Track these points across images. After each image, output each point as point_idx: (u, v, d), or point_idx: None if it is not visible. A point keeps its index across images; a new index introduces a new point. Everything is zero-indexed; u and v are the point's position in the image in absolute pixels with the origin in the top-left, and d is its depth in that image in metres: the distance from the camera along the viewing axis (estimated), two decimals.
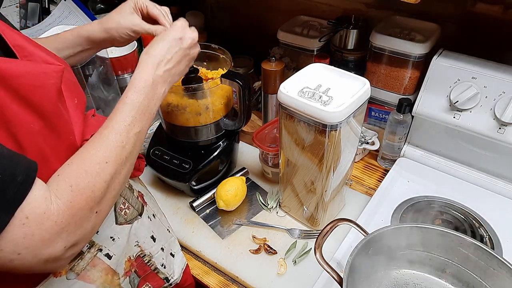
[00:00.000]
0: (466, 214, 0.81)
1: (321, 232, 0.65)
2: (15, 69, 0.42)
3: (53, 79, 0.45)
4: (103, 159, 0.47)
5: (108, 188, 0.47)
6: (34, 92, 0.43)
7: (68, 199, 0.42)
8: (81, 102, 0.55)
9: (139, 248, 0.63)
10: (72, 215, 0.42)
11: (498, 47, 0.85)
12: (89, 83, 0.93)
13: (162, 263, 0.68)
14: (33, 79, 0.43)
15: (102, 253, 0.55)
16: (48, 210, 0.40)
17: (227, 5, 1.33)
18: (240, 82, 0.77)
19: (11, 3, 1.31)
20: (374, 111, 1.02)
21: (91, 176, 0.45)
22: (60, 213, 0.41)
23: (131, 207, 0.61)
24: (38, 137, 0.44)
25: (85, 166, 0.45)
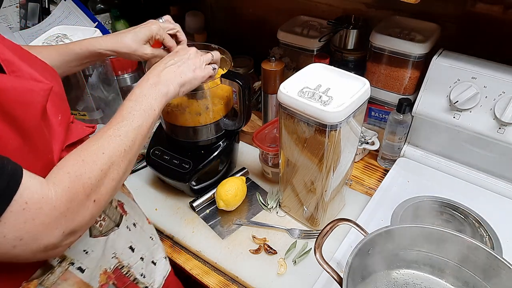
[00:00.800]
0: (466, 214, 0.81)
1: (321, 232, 0.65)
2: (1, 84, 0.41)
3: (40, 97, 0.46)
4: (100, 150, 0.48)
5: (105, 177, 0.48)
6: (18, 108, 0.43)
7: (66, 185, 0.43)
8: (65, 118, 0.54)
9: (116, 260, 0.61)
10: (70, 200, 0.43)
11: (498, 47, 0.85)
12: (89, 83, 0.93)
13: (141, 273, 0.66)
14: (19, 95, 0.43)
15: (74, 266, 0.54)
16: (46, 195, 0.41)
17: (227, 5, 1.33)
18: (240, 82, 0.77)
19: (11, 3, 1.31)
20: (374, 111, 1.02)
21: (88, 164, 0.46)
22: (58, 197, 0.42)
23: (107, 219, 0.59)
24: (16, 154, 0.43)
25: (82, 155, 0.47)
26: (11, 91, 0.42)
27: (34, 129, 0.46)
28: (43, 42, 0.86)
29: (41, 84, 0.47)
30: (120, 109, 0.55)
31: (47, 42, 0.86)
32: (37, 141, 0.46)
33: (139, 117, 0.54)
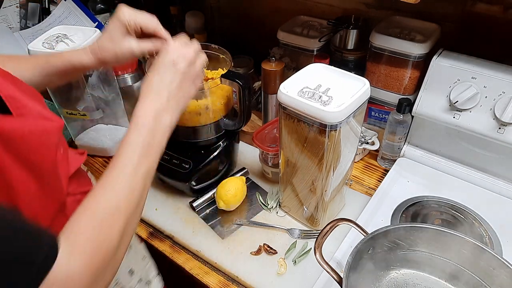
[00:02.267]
0: (466, 214, 0.81)
1: (321, 232, 0.65)
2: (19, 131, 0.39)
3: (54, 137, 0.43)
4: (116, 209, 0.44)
5: (123, 236, 0.45)
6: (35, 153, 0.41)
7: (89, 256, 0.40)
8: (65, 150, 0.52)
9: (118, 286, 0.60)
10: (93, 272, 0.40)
11: (498, 47, 0.85)
12: (89, 83, 0.93)
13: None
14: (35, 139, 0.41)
15: None
16: (72, 272, 0.38)
17: (227, 5, 1.33)
18: (240, 82, 0.77)
19: (11, 3, 1.31)
20: (374, 111, 1.02)
21: (106, 228, 0.43)
22: (82, 273, 0.39)
23: None
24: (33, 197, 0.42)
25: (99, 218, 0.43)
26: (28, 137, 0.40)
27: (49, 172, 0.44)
28: (43, 42, 0.86)
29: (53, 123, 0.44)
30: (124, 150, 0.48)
31: (47, 42, 0.86)
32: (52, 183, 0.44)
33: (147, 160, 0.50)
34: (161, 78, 0.55)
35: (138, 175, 0.47)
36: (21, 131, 0.39)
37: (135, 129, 0.50)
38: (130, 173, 0.46)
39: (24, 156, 0.40)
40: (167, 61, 0.56)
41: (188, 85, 0.58)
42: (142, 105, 0.52)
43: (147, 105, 0.52)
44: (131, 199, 0.46)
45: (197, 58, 0.60)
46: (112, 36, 0.59)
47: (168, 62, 0.56)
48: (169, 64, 0.56)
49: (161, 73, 0.55)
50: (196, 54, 0.60)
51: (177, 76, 0.56)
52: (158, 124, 0.52)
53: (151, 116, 0.51)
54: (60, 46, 0.85)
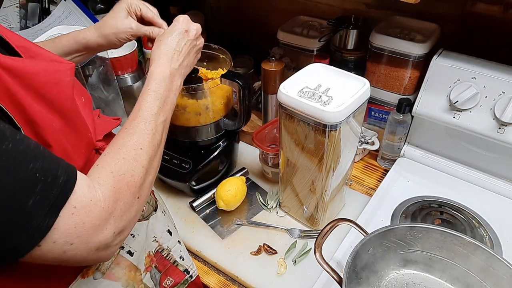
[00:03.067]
0: (466, 214, 0.81)
1: (321, 232, 0.65)
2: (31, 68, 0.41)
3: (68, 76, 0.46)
4: (138, 146, 0.49)
5: (146, 173, 0.48)
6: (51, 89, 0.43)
7: (111, 185, 0.43)
8: (88, 101, 0.56)
9: (157, 243, 0.63)
10: (116, 200, 0.43)
11: (498, 47, 0.85)
12: (89, 83, 0.93)
13: (180, 255, 0.69)
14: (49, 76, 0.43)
15: (124, 250, 0.56)
16: (94, 197, 0.41)
17: (227, 5, 1.33)
18: (240, 82, 0.77)
19: (11, 3, 1.31)
20: (374, 111, 1.02)
21: (129, 162, 0.46)
22: (106, 198, 0.42)
23: (146, 204, 0.61)
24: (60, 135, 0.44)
25: (122, 154, 0.47)
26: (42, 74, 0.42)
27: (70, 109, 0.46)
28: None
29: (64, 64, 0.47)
30: (145, 100, 0.54)
31: None
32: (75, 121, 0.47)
33: (164, 111, 0.55)
34: (177, 43, 0.61)
35: (158, 121, 0.53)
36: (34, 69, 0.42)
37: (154, 82, 0.56)
38: (151, 119, 0.52)
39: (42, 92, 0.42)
40: (179, 27, 0.63)
41: (193, 54, 0.65)
42: (159, 64, 0.58)
43: (164, 66, 0.58)
44: (153, 141, 0.51)
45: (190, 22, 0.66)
46: (115, 14, 0.67)
47: (181, 29, 0.63)
48: (182, 31, 0.62)
49: (175, 38, 0.62)
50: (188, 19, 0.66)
51: (188, 44, 0.63)
52: (172, 83, 0.58)
53: (167, 74, 0.58)
54: None
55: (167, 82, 0.57)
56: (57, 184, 0.37)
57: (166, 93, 0.56)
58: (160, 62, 0.59)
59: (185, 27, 0.63)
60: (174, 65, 0.60)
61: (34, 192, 0.35)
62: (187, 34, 0.63)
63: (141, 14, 0.68)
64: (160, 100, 0.55)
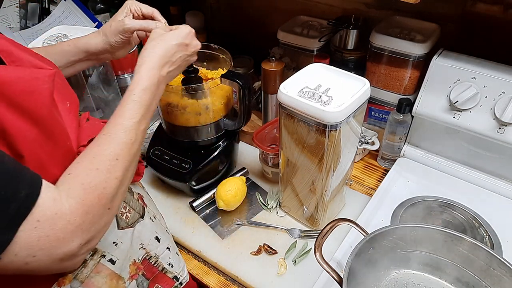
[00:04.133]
0: (466, 214, 0.81)
1: (321, 232, 0.65)
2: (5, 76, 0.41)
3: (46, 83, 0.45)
4: (114, 156, 0.47)
5: (120, 185, 0.47)
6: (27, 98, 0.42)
7: (81, 197, 0.42)
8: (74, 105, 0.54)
9: (144, 251, 0.62)
10: (85, 213, 0.42)
11: (498, 47, 0.85)
12: (89, 83, 0.93)
13: (169, 262, 0.67)
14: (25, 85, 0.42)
15: (106, 259, 0.55)
16: (59, 210, 0.40)
17: (227, 5, 1.33)
18: (240, 82, 0.77)
19: (11, 3, 1.31)
20: (374, 111, 1.02)
21: (103, 173, 0.45)
22: (73, 211, 0.41)
23: (132, 210, 0.60)
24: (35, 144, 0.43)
25: (96, 164, 0.45)
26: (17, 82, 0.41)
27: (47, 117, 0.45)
28: (43, 42, 0.86)
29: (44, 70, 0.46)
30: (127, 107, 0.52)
31: (47, 42, 0.86)
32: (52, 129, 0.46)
33: (146, 120, 0.54)
34: (174, 53, 0.60)
35: (139, 130, 0.51)
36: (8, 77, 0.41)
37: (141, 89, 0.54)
38: (132, 127, 0.50)
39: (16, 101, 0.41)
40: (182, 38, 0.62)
41: (182, 68, 0.64)
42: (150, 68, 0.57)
43: (154, 71, 0.57)
44: (130, 151, 0.49)
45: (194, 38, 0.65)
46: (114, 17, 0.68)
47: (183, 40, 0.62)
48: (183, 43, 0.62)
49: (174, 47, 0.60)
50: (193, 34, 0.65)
51: (182, 57, 0.62)
52: (157, 90, 0.57)
53: (155, 81, 0.56)
54: None
55: (153, 89, 0.56)
56: (16, 199, 0.36)
57: (150, 101, 0.55)
58: (151, 66, 0.57)
59: (187, 40, 0.63)
60: (163, 72, 0.59)
61: None
62: (186, 48, 0.63)
63: (141, 13, 0.68)
64: (144, 108, 0.53)
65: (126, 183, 0.50)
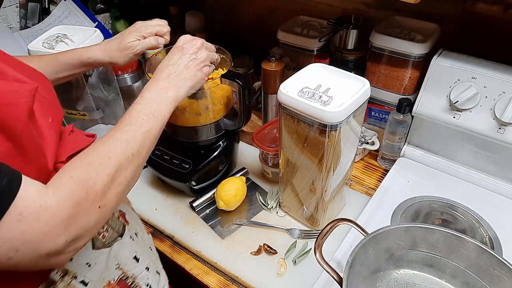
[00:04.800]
0: (466, 214, 0.81)
1: (321, 232, 0.65)
2: None
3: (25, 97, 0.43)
4: (106, 154, 0.47)
5: (112, 182, 0.46)
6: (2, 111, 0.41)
7: (69, 190, 0.41)
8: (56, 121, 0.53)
9: (120, 271, 0.59)
10: (72, 206, 0.41)
11: (498, 47, 0.85)
12: (89, 83, 0.93)
13: (147, 283, 0.64)
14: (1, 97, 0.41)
15: (77, 280, 0.53)
16: (44, 203, 0.39)
17: (227, 5, 1.33)
18: (240, 82, 0.77)
19: (11, 3, 1.31)
20: (374, 111, 1.02)
21: (93, 168, 0.45)
22: (59, 204, 0.40)
23: (110, 229, 0.58)
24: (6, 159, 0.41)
25: (87, 159, 0.46)
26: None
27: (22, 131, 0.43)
28: (43, 42, 0.86)
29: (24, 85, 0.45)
30: (129, 112, 0.54)
31: (47, 42, 0.86)
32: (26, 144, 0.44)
33: (148, 122, 0.54)
34: (169, 58, 0.64)
35: (137, 131, 0.52)
36: None
37: (140, 97, 0.57)
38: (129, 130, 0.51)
39: None
40: (176, 46, 0.66)
41: (194, 67, 0.65)
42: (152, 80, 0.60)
43: (153, 80, 0.60)
44: (126, 150, 0.49)
45: (203, 47, 0.68)
46: (123, 34, 0.71)
47: (176, 47, 0.65)
48: (177, 48, 0.65)
49: (170, 56, 0.64)
50: (202, 43, 0.68)
51: (183, 57, 0.64)
52: (161, 95, 0.58)
53: (155, 88, 0.59)
54: (60, 46, 0.85)
55: (154, 93, 0.57)
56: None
57: (151, 103, 0.56)
58: (153, 78, 0.61)
59: (181, 43, 0.66)
60: (166, 77, 0.61)
61: None
62: (181, 49, 0.65)
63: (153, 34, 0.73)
64: (143, 111, 0.54)
65: (124, 184, 0.48)
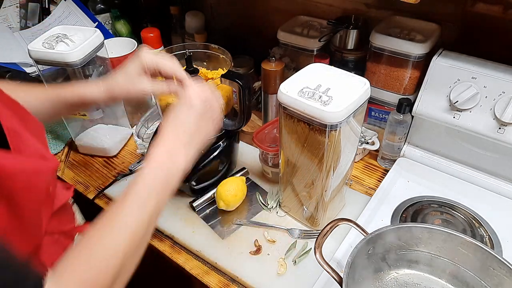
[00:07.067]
0: (466, 214, 0.81)
1: (321, 232, 0.65)
2: (9, 167, 0.38)
3: (46, 177, 0.42)
4: (114, 250, 0.43)
5: (119, 274, 0.43)
6: (24, 194, 0.40)
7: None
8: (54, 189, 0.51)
9: None
10: None
11: (498, 47, 0.85)
12: None
13: None
14: (26, 179, 0.40)
15: None
16: None
17: (227, 5, 1.33)
18: (240, 82, 0.77)
19: (11, 3, 1.31)
20: (374, 111, 1.02)
21: (101, 270, 0.41)
22: None
23: None
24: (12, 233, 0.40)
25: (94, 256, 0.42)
26: (19, 176, 0.39)
27: (33, 212, 0.42)
28: (43, 42, 0.86)
29: (48, 163, 0.43)
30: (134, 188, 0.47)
31: (47, 42, 0.86)
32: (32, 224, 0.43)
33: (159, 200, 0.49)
34: (176, 116, 0.55)
35: (144, 216, 0.46)
36: (11, 168, 0.38)
37: (146, 168, 0.50)
38: (136, 214, 0.45)
39: (10, 195, 0.38)
40: (183, 101, 0.57)
41: (205, 124, 0.58)
42: (157, 144, 0.52)
43: (161, 144, 0.52)
44: (133, 240, 0.44)
45: (214, 97, 0.60)
46: (128, 74, 0.60)
47: (184, 102, 0.56)
48: (185, 104, 0.56)
49: (177, 113, 0.55)
50: (213, 94, 0.60)
51: (192, 115, 0.56)
52: (172, 163, 0.52)
53: (163, 156, 0.51)
54: (60, 46, 0.85)
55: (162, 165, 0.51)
56: None
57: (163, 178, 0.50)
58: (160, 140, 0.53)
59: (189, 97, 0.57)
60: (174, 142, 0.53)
61: None
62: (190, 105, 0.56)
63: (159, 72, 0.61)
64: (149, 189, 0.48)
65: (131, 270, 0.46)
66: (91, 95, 0.61)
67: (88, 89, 0.62)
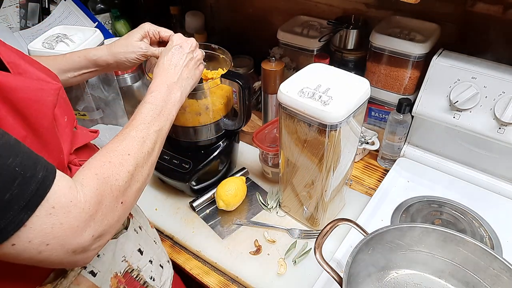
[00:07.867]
0: (466, 214, 0.81)
1: (321, 232, 0.65)
2: (12, 83, 0.41)
3: (50, 96, 0.46)
4: (125, 151, 0.49)
5: (131, 179, 0.48)
6: (30, 106, 0.43)
7: (94, 187, 0.43)
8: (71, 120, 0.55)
9: (126, 263, 0.61)
10: (98, 203, 0.43)
11: (498, 47, 0.85)
12: (89, 83, 0.93)
13: (151, 275, 0.66)
14: (30, 93, 0.43)
15: (86, 270, 0.54)
16: (74, 198, 0.40)
17: (227, 5, 1.33)
18: (240, 82, 0.77)
19: (11, 3, 1.31)
20: (374, 111, 1.02)
21: (115, 165, 0.47)
22: (87, 200, 0.41)
23: None
24: None
25: (108, 157, 0.47)
26: (23, 90, 0.42)
27: (47, 129, 0.45)
28: (43, 42, 0.86)
29: (50, 84, 0.47)
30: (139, 111, 0.56)
31: (47, 42, 0.86)
32: (49, 140, 0.46)
33: (159, 121, 0.56)
34: (170, 58, 0.64)
35: (150, 130, 0.54)
36: (15, 83, 0.42)
37: (151, 95, 0.58)
38: (143, 128, 0.53)
39: (20, 107, 0.41)
40: (174, 45, 0.66)
41: (192, 66, 0.66)
42: (155, 81, 0.61)
43: (160, 80, 0.61)
44: (142, 148, 0.51)
45: (197, 45, 0.69)
46: (129, 36, 0.70)
47: (175, 46, 0.66)
48: (176, 47, 0.66)
49: (170, 55, 0.64)
50: (196, 42, 0.69)
51: (183, 57, 0.65)
52: (169, 95, 0.60)
53: (163, 88, 0.60)
54: (60, 46, 0.85)
55: (163, 94, 0.59)
56: (35, 180, 0.37)
57: (162, 103, 0.58)
58: (157, 77, 0.61)
59: (178, 43, 0.66)
60: (172, 78, 0.62)
61: (12, 186, 0.35)
62: (181, 49, 0.66)
63: (159, 36, 0.71)
64: (154, 110, 0.56)
65: (141, 181, 0.51)
66: (95, 53, 0.70)
67: (92, 49, 0.71)
